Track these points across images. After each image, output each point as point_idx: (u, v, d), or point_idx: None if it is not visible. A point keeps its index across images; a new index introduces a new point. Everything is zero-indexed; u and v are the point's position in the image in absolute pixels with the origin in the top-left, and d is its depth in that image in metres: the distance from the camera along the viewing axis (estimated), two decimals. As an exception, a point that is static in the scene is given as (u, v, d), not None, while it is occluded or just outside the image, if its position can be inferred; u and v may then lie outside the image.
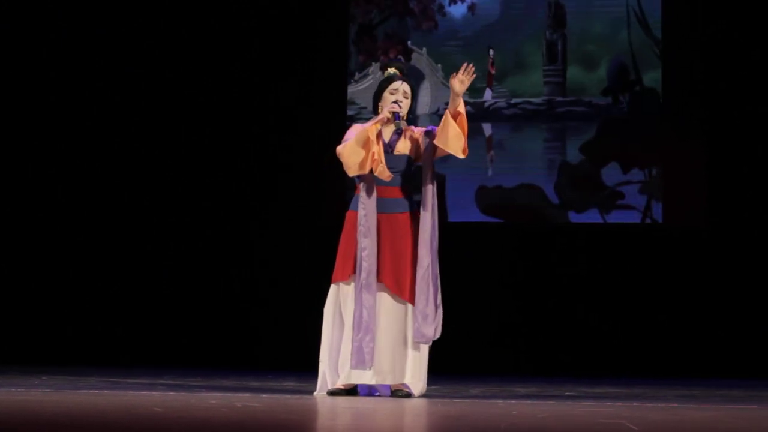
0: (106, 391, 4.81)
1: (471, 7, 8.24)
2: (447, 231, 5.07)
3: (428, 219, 4.89)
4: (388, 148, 4.98)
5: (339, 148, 4.95)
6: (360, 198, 4.93)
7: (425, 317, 4.83)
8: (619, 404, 4.54)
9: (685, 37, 8.01)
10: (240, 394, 4.76)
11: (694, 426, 3.66)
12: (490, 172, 8.12)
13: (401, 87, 5.02)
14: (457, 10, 8.28)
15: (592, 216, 8.03)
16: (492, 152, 8.17)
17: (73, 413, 3.75)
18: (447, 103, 4.87)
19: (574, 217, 8.06)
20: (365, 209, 4.90)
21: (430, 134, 4.96)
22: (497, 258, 7.98)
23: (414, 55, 8.24)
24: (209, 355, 7.99)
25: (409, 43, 8.29)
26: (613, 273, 7.92)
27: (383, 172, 4.90)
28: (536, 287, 7.99)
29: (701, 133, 7.91)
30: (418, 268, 4.86)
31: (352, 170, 4.91)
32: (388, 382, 4.87)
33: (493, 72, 8.17)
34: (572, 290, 7.94)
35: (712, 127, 7.90)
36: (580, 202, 8.06)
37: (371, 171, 4.89)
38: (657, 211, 7.97)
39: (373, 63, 8.29)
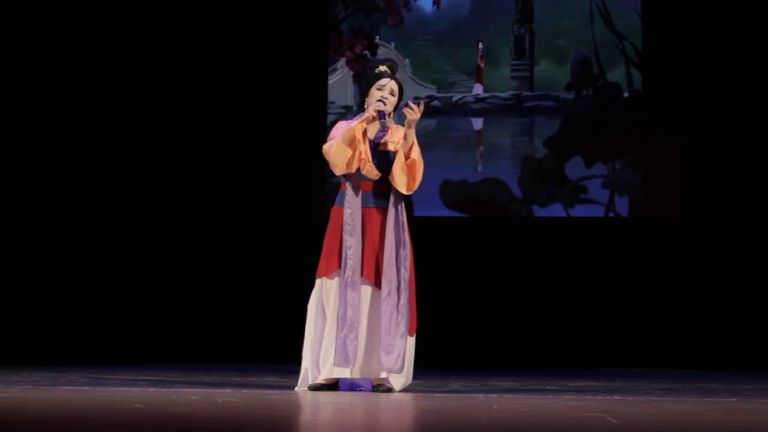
0: (86, 388, 4.79)
1: (436, 2, 8.24)
2: (412, 226, 5.07)
3: (391, 239, 4.85)
4: (374, 145, 4.98)
5: (325, 147, 4.95)
6: (346, 196, 4.93)
7: (387, 349, 4.81)
8: (600, 398, 4.56)
9: (665, 31, 8.03)
10: (221, 390, 4.75)
11: (674, 419, 3.67)
12: (480, 168, 8.14)
13: (389, 84, 5.02)
14: (427, 5, 8.28)
15: (555, 210, 8.06)
16: (482, 147, 8.18)
17: (53, 410, 3.73)
18: (415, 98, 4.88)
19: (538, 212, 8.09)
20: (351, 207, 4.90)
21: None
22: (462, 253, 7.99)
23: (382, 50, 8.23)
24: (191, 351, 7.97)
25: (377, 38, 8.28)
26: (578, 267, 7.95)
27: (371, 171, 4.91)
28: (504, 282, 8.00)
29: (679, 127, 7.94)
30: (383, 297, 4.83)
31: (338, 169, 4.91)
32: (371, 376, 4.87)
33: (482, 66, 8.17)
34: (540, 284, 7.96)
35: (689, 121, 7.92)
36: (544, 196, 8.09)
37: (358, 169, 4.89)
38: (620, 205, 8.01)
39: (341, 58, 8.28)
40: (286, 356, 6.61)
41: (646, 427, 3.41)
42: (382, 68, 5.07)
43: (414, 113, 4.85)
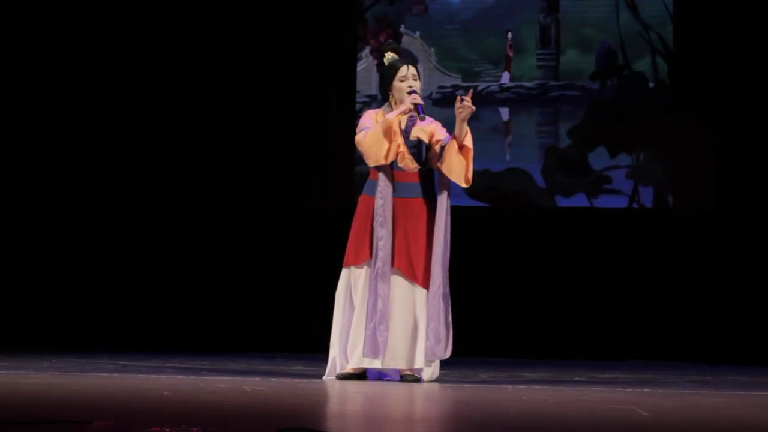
0: (115, 375, 4.81)
1: None
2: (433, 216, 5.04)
3: (441, 232, 4.84)
4: (405, 135, 4.95)
5: (359, 137, 4.91)
6: (378, 187, 4.89)
7: (437, 337, 4.81)
8: (630, 390, 4.53)
9: (695, 21, 7.95)
10: (249, 378, 4.75)
11: (706, 412, 3.64)
12: (508, 157, 8.10)
13: (409, 72, 4.98)
14: (451, -6, 8.24)
15: (579, 200, 8.01)
16: (510, 137, 8.14)
17: (81, 397, 3.74)
18: (440, 87, 4.85)
19: (561, 202, 8.05)
20: (383, 198, 4.88)
21: (443, 149, 4.90)
22: (485, 243, 7.94)
23: (406, 39, 8.18)
24: (218, 339, 7.98)
25: (402, 27, 8.24)
26: (601, 258, 7.89)
27: (409, 165, 4.89)
28: (526, 272, 7.95)
29: (710, 119, 7.86)
30: (430, 285, 4.84)
31: (372, 160, 4.88)
32: (400, 366, 4.85)
33: (511, 55, 8.12)
34: (563, 275, 7.90)
35: (721, 110, 7.84)
36: (568, 186, 8.04)
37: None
38: (645, 195, 7.96)
39: (366, 47, 8.25)
40: (311, 345, 6.62)
41: (678, 420, 3.37)
42: (389, 55, 5.03)
43: (465, 109, 4.79)
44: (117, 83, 8.22)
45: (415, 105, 4.90)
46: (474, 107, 4.84)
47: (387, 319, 4.80)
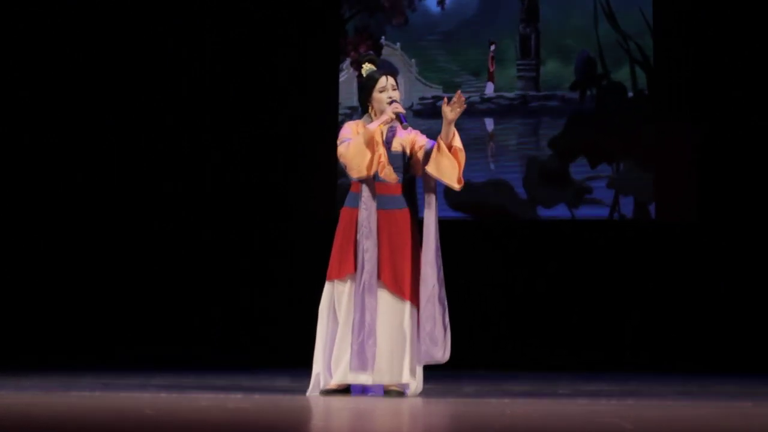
0: (97, 393, 4.77)
1: (440, 2, 8.20)
2: (416, 227, 5.05)
3: (432, 236, 4.84)
4: (386, 146, 4.94)
5: (341, 149, 4.88)
6: (362, 198, 4.87)
7: (433, 340, 4.79)
8: (614, 402, 4.52)
9: (676, 30, 7.99)
10: (232, 395, 4.72)
11: (690, 424, 3.63)
12: (492, 167, 8.10)
13: (388, 83, 4.97)
14: (433, 5, 8.24)
15: (560, 211, 8.02)
16: (493, 147, 8.15)
17: (63, 416, 3.71)
18: (421, 99, 4.85)
19: (542, 212, 8.05)
20: (367, 210, 4.86)
21: (427, 153, 4.90)
22: (467, 255, 7.95)
23: (387, 50, 8.20)
24: (202, 354, 7.95)
25: (383, 38, 8.25)
26: (584, 268, 7.91)
27: (390, 175, 4.88)
28: (509, 283, 7.97)
29: (691, 128, 7.89)
30: (422, 287, 4.82)
31: (355, 172, 4.85)
32: (385, 381, 4.83)
33: (492, 69, 8.14)
34: (545, 286, 7.92)
35: (702, 119, 7.88)
36: (549, 197, 8.05)
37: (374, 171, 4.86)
38: (625, 205, 7.98)
39: (346, 59, 8.25)
40: (286, 356, 6.60)
41: (662, 432, 3.37)
42: (367, 66, 5.02)
43: (453, 111, 4.79)
44: (117, 83, 8.22)
45: (397, 114, 4.88)
46: (458, 113, 4.81)
47: (375, 333, 4.78)
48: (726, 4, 7.92)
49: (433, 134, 5.07)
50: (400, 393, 4.83)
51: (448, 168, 4.82)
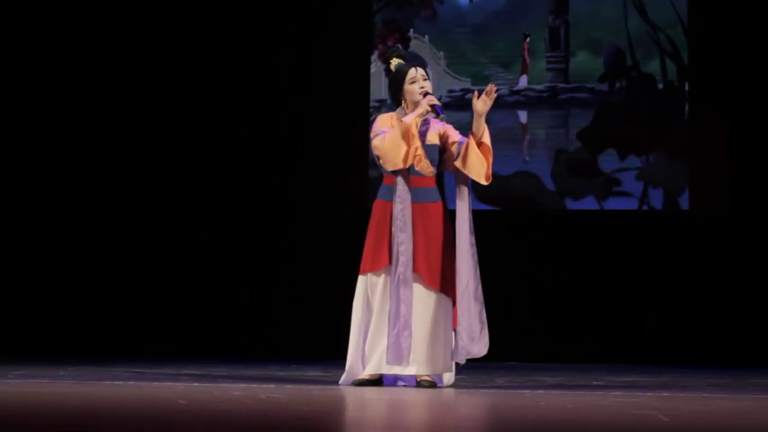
0: (130, 382, 4.79)
1: None
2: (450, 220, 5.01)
3: (465, 229, 4.81)
4: (421, 139, 4.92)
5: (376, 142, 4.86)
6: (397, 191, 4.85)
7: (471, 335, 4.76)
8: (649, 394, 4.48)
9: (711, 23, 7.90)
10: (264, 385, 4.72)
11: (728, 417, 3.59)
12: (527, 158, 8.06)
13: (418, 73, 4.95)
14: (459, -2, 8.21)
15: (588, 203, 7.96)
16: (528, 139, 8.11)
17: (96, 406, 3.72)
18: (450, 91, 4.82)
19: (570, 204, 8.00)
20: (402, 203, 4.84)
21: (458, 149, 4.87)
22: (495, 246, 7.89)
23: (415, 43, 8.16)
24: (235, 345, 7.97)
25: (411, 30, 8.22)
26: (612, 260, 7.85)
27: (426, 168, 4.86)
28: (537, 275, 7.91)
29: (726, 120, 7.81)
30: (458, 283, 4.80)
31: (391, 164, 4.84)
32: (419, 372, 4.81)
33: (528, 60, 8.09)
34: (573, 278, 7.86)
35: (736, 114, 7.79)
36: (577, 189, 7.99)
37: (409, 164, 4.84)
38: (654, 197, 7.91)
39: (374, 51, 8.23)
40: (327, 350, 6.58)
41: (699, 425, 3.33)
42: (396, 61, 4.99)
43: (485, 103, 4.76)
44: (117, 83, 8.23)
45: (433, 106, 4.86)
46: (489, 105, 4.79)
47: (411, 325, 4.76)
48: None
49: (460, 127, 5.05)
50: (432, 384, 4.81)
51: (476, 164, 4.81)
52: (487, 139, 4.83)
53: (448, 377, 4.87)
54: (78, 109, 8.23)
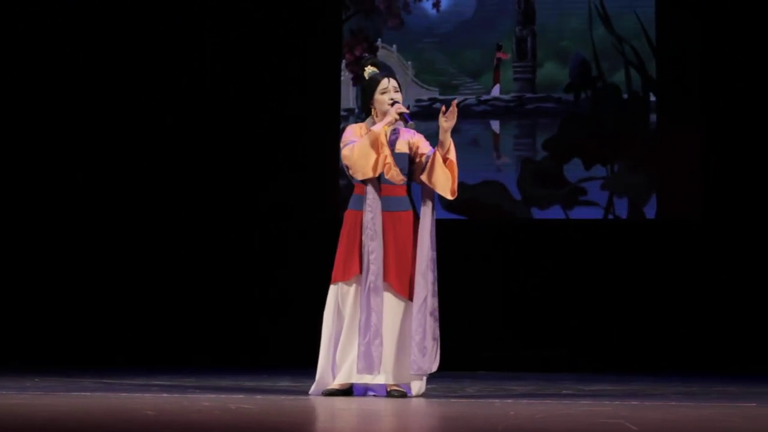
0: (98, 394, 4.76)
1: (435, 4, 8.19)
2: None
3: (426, 244, 4.83)
4: (390, 148, 4.93)
5: (345, 152, 4.88)
6: (366, 200, 4.87)
7: (423, 351, 4.78)
8: (618, 403, 4.50)
9: (679, 30, 7.98)
10: (234, 395, 4.71)
11: (694, 425, 3.62)
12: (501, 166, 8.09)
13: (390, 84, 4.97)
14: (428, 7, 8.23)
15: (554, 212, 8.02)
16: (500, 148, 8.15)
17: (64, 417, 3.70)
18: (418, 100, 4.85)
19: (537, 214, 8.05)
20: (372, 212, 4.85)
21: (425, 161, 4.89)
22: (462, 255, 7.94)
23: (383, 52, 8.18)
24: (205, 355, 7.94)
25: (379, 40, 8.24)
26: (578, 269, 7.90)
27: (396, 177, 4.87)
28: (504, 284, 7.95)
29: (695, 127, 7.88)
30: (414, 298, 4.81)
31: (360, 174, 4.85)
32: (391, 382, 4.82)
33: (499, 72, 8.13)
34: (539, 287, 7.91)
35: (706, 120, 7.87)
36: (543, 198, 8.04)
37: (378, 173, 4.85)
38: (620, 206, 7.97)
39: (342, 60, 8.25)
40: (287, 356, 6.58)
41: (666, 433, 3.36)
42: (370, 70, 5.02)
43: (449, 120, 4.80)
44: (117, 83, 8.22)
45: (401, 114, 4.88)
46: (453, 122, 4.83)
47: (381, 334, 4.77)
48: (726, 3, 7.91)
49: (429, 137, 5.08)
50: (402, 394, 4.82)
51: (442, 180, 4.84)
52: (452, 154, 4.85)
53: (418, 387, 4.87)
54: (78, 109, 8.21)
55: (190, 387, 5.33)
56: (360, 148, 4.83)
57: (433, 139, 4.97)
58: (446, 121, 4.81)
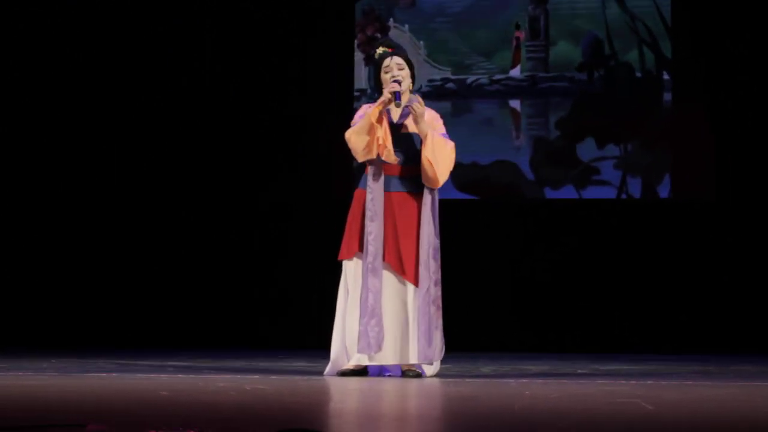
0: (114, 374, 4.77)
1: None
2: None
3: (427, 230, 4.80)
4: (396, 127, 4.90)
5: (347, 134, 4.88)
6: (367, 181, 4.86)
7: (429, 340, 4.76)
8: (633, 382, 4.49)
9: (694, 7, 7.92)
10: (249, 376, 4.71)
11: (711, 404, 3.61)
12: (519, 146, 8.05)
13: (392, 62, 4.94)
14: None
15: (567, 192, 7.98)
16: (521, 127, 8.11)
17: (79, 398, 3.71)
18: (430, 81, 4.81)
19: (549, 194, 8.01)
20: (372, 192, 4.84)
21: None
22: (474, 236, 7.91)
23: (395, 32, 8.14)
24: (220, 336, 7.97)
25: (391, 20, 8.20)
26: (591, 249, 7.87)
27: (389, 157, 4.84)
28: (516, 264, 7.93)
29: (708, 108, 7.83)
30: (419, 289, 4.78)
31: (359, 156, 4.87)
32: (393, 362, 4.81)
33: (519, 51, 8.07)
34: (552, 267, 7.88)
35: (720, 99, 7.82)
36: (556, 178, 8.01)
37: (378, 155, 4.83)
38: (633, 186, 7.93)
39: (354, 41, 8.22)
40: (313, 340, 6.57)
41: (682, 413, 3.34)
42: (380, 50, 5.00)
43: (418, 108, 4.77)
44: (117, 83, 8.21)
45: (393, 93, 4.84)
46: (422, 109, 4.79)
47: (378, 314, 4.76)
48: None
49: (442, 116, 5.04)
50: (417, 374, 4.81)
51: (424, 173, 4.80)
52: (428, 152, 4.79)
53: (434, 367, 4.86)
54: (78, 108, 8.21)
55: (206, 368, 5.34)
56: (356, 131, 4.83)
57: (447, 118, 4.94)
58: (415, 110, 4.78)
